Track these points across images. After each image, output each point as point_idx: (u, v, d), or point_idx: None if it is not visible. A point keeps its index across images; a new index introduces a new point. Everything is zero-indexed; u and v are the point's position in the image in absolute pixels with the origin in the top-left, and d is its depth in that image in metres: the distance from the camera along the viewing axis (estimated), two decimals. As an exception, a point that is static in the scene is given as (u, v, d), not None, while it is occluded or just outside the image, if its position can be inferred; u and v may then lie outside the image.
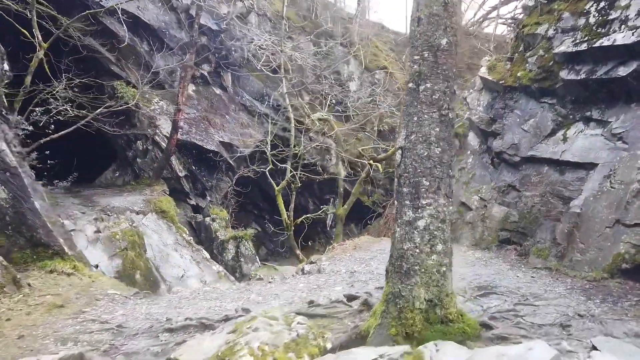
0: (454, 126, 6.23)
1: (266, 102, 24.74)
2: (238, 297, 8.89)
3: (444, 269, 6.02)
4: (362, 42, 28.71)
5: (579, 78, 11.41)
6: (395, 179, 6.33)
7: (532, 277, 10.03)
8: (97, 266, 16.04)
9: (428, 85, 5.96)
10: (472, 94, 14.97)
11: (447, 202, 6.03)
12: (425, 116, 5.95)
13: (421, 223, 5.93)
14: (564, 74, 11.83)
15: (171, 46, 23.08)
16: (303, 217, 20.05)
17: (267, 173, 20.29)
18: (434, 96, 5.95)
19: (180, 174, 22.59)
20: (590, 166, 10.95)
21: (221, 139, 23.57)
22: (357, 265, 10.84)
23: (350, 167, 26.44)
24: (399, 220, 6.09)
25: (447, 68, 5.97)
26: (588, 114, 11.47)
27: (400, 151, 6.18)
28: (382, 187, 27.33)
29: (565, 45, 11.88)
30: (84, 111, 17.32)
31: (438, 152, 5.92)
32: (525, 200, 12.15)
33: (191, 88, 24.35)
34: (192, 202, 23.27)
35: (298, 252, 17.46)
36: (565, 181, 11.37)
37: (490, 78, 14.04)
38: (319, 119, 21.13)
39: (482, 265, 10.93)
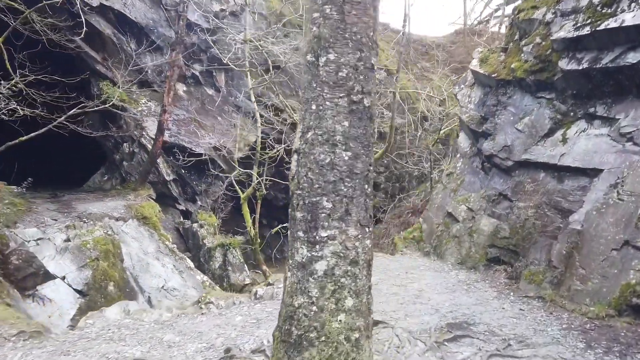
0: (373, 119, 4.04)
1: (263, 104, 22.65)
2: (150, 337, 6.91)
3: (357, 335, 3.85)
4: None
5: (580, 68, 9.13)
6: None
7: (521, 309, 7.81)
8: (64, 278, 14.24)
9: (331, 56, 3.81)
10: (463, 89, 12.72)
11: (361, 234, 3.88)
12: (328, 103, 3.80)
13: (320, 266, 3.77)
14: (563, 64, 9.56)
15: (160, 45, 21.23)
16: (278, 227, 17.97)
17: (233, 179, 18.30)
18: (340, 73, 3.80)
19: (167, 178, 20.70)
20: (593, 173, 8.67)
21: (212, 141, 21.61)
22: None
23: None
24: (289, 262, 3.97)
25: (359, 30, 3.79)
26: (592, 110, 9.16)
27: (295, 156, 4.06)
28: (383, 191, 25.15)
29: (565, 30, 9.60)
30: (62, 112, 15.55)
31: (347, 158, 3.76)
32: (517, 212, 9.90)
33: (182, 88, 22.47)
34: (182, 207, 21.36)
35: (264, 268, 15.38)
36: (565, 190, 9.09)
37: (481, 71, 11.78)
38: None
39: (464, 291, 8.75)
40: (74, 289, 14.34)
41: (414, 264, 10.66)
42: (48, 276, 14.09)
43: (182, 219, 21.20)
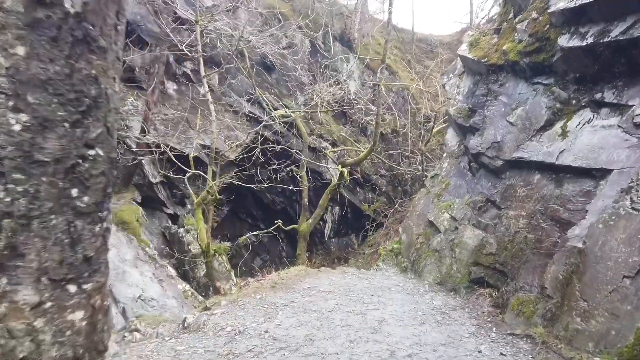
0: (111, 56, 1.96)
1: (256, 103, 20.76)
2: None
3: None
4: (363, 38, 24.42)
5: (584, 44, 6.90)
6: None
7: (503, 354, 5.65)
8: None
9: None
10: (452, 79, 10.55)
11: (53, 301, 1.81)
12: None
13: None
14: (563, 41, 7.34)
15: (148, 41, 19.39)
16: (246, 236, 15.97)
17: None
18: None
19: (153, 180, 18.84)
20: (600, 174, 6.42)
21: (202, 142, 19.70)
22: (256, 317, 6.77)
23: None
24: None
25: None
26: (598, 96, 6.91)
27: None
28: (385, 195, 22.91)
29: (565, 0, 7.40)
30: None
31: (19, 129, 1.70)
32: (507, 222, 7.68)
33: (172, 87, 20.65)
34: (170, 210, 19.47)
35: (218, 284, 13.33)
36: (564, 196, 6.86)
37: (470, 56, 9.56)
38: (282, 116, 16.89)
39: (435, 324, 6.59)
40: None
41: (385, 284, 8.53)
42: None
43: (169, 224, 19.32)
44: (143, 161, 18.61)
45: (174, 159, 14.90)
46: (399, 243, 10.64)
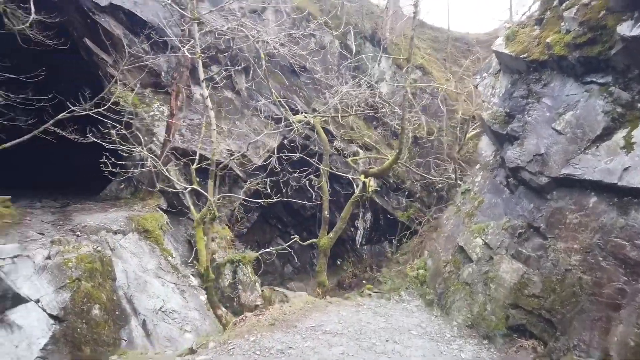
0: None
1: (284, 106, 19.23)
2: None
3: None
4: (395, 38, 22.62)
5: (655, 32, 5.12)
6: None
7: None
8: (38, 301, 11.40)
9: None
10: (485, 79, 8.75)
11: None
12: None
13: None
14: (625, 29, 5.55)
15: (173, 46, 18.22)
16: (261, 251, 14.48)
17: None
18: None
19: (178, 187, 17.62)
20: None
21: (228, 147, 18.42)
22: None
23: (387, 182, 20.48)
24: None
25: None
26: (675, 97, 5.12)
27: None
28: (419, 200, 21.07)
29: (629, -22, 5.59)
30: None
31: None
32: (555, 256, 5.94)
33: (198, 92, 19.42)
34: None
35: (220, 312, 11.81)
36: (632, 228, 5.09)
37: (507, 52, 7.79)
38: (299, 122, 15.32)
39: (462, 388, 4.97)
40: (48, 314, 11.41)
41: (405, 323, 6.89)
42: (18, 299, 11.20)
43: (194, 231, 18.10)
44: (169, 167, 17.46)
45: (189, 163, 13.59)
46: (425, 268, 8.97)
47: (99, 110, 14.70)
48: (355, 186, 13.92)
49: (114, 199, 18.38)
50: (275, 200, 11.99)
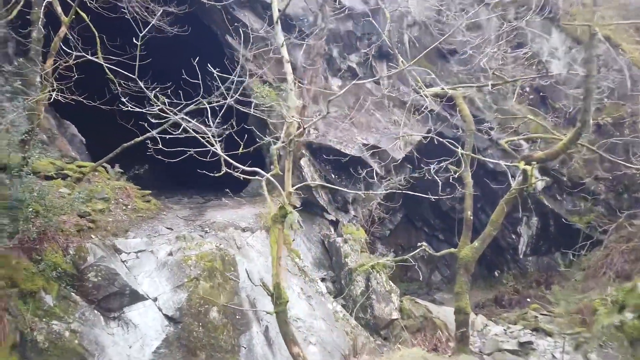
0: None
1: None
2: None
3: None
4: (570, 7, 17.87)
5: None
6: None
7: None
8: (155, 300, 10.16)
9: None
10: None
11: None
12: None
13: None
14: None
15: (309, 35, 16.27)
16: (391, 258, 11.24)
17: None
18: None
19: (312, 183, 15.55)
20: None
21: (365, 141, 15.86)
22: None
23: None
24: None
25: None
26: None
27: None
28: (604, 204, 16.17)
29: None
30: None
31: None
32: None
33: (336, 83, 17.21)
34: (331, 216, 16.01)
35: (296, 349, 8.05)
36: None
37: None
38: (434, 96, 11.77)
39: None
40: (163, 314, 10.03)
41: None
42: (137, 297, 10.06)
43: (331, 231, 15.82)
44: (302, 162, 15.47)
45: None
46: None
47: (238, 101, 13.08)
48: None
49: (253, 195, 17.07)
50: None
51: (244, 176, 7.21)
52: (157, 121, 9.17)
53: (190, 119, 7.60)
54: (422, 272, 18.07)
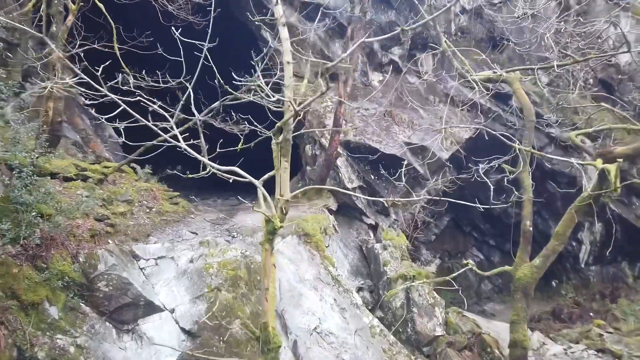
0: None
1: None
2: None
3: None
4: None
5: None
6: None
7: None
8: (173, 311, 9.12)
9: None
10: None
11: None
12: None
13: None
14: None
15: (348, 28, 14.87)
16: (435, 279, 9.62)
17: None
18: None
19: (350, 185, 14.14)
20: None
21: (407, 140, 14.28)
22: None
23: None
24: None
25: None
26: None
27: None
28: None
29: None
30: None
31: None
32: None
33: (377, 78, 15.72)
34: (370, 220, 14.50)
35: None
36: None
37: None
38: (484, 81, 9.95)
39: None
40: (180, 328, 8.91)
41: None
42: (152, 308, 8.99)
43: (370, 236, 14.32)
44: (339, 163, 14.10)
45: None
46: None
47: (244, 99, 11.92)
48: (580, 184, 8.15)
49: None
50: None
51: (226, 176, 5.83)
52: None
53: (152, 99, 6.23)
54: (470, 281, 16.29)
